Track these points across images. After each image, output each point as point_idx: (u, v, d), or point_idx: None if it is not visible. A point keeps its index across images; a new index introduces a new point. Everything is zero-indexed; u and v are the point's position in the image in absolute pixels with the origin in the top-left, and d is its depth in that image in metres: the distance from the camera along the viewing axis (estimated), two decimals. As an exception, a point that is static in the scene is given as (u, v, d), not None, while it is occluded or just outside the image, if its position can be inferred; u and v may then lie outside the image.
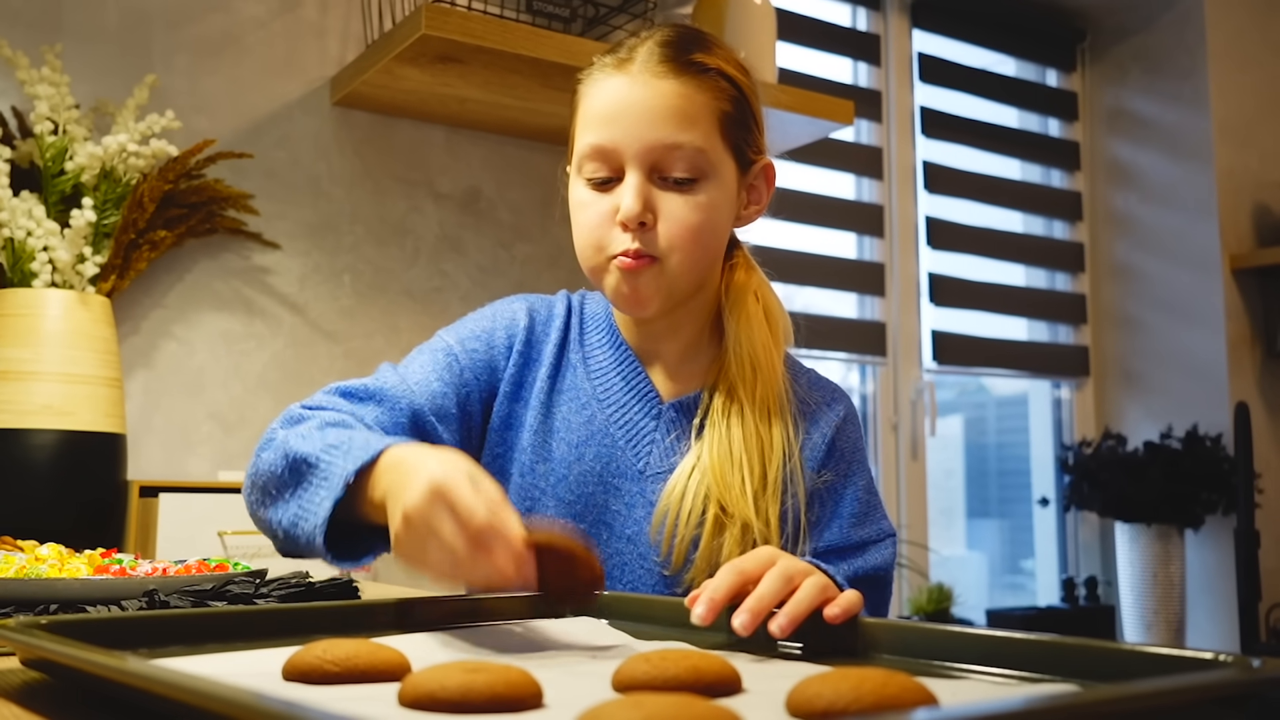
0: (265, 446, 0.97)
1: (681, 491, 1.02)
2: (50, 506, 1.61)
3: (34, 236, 1.68)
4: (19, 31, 1.86)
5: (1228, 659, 0.55)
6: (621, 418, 1.08)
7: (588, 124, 1.04)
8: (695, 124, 1.01)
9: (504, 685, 0.54)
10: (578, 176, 1.05)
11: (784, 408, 1.07)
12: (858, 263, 3.03)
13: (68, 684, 0.62)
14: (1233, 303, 3.15)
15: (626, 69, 1.02)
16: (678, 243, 1.01)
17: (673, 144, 1.00)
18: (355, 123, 2.17)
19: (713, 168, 1.02)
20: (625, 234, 1.01)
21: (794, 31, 2.88)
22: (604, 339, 1.12)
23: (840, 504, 1.07)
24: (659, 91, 1.00)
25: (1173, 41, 3.29)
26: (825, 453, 1.09)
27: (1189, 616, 3.06)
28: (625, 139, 1.00)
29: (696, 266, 1.04)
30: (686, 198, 1.01)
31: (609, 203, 1.02)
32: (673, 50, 1.03)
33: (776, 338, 1.10)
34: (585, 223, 1.04)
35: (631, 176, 1.00)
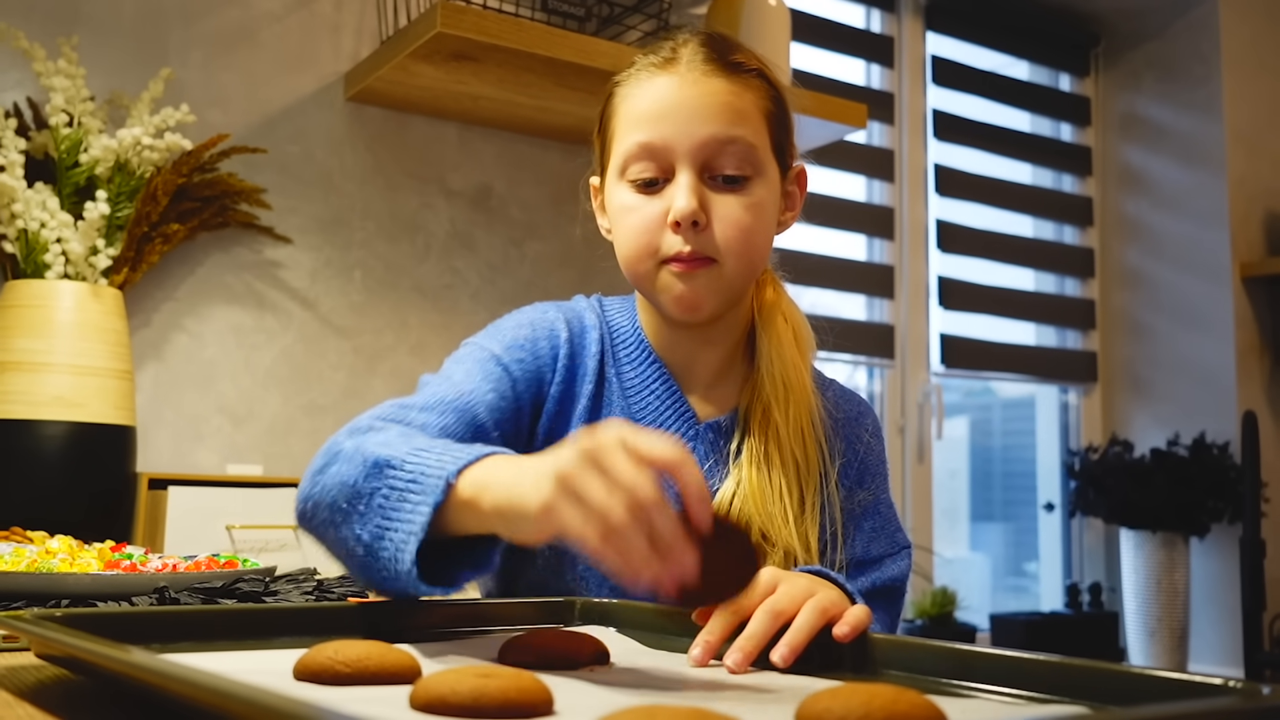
0: (332, 459, 0.85)
1: None
2: (60, 498, 1.62)
3: (48, 228, 1.68)
4: (35, 23, 1.86)
5: (1236, 685, 0.55)
6: None
7: (633, 124, 1.01)
8: (747, 120, 1.00)
9: (516, 691, 0.54)
10: (620, 181, 1.02)
11: (817, 427, 1.05)
12: (867, 265, 3.03)
13: (82, 678, 0.63)
14: (1242, 311, 3.14)
15: (672, 69, 1.01)
16: (733, 244, 0.99)
17: (727, 138, 0.98)
18: (368, 118, 2.17)
19: (763, 166, 1.01)
20: (677, 236, 0.98)
21: (808, 33, 2.88)
22: (636, 354, 1.08)
23: (863, 518, 1.07)
24: (710, 89, 0.99)
25: (1187, 48, 3.28)
26: (859, 471, 1.09)
27: (1193, 625, 3.05)
28: (677, 135, 0.98)
29: (751, 269, 1.03)
30: (739, 197, 0.99)
31: (659, 205, 0.99)
32: (716, 51, 1.02)
33: (805, 356, 1.08)
34: (634, 226, 1.00)
35: (683, 175, 0.98)
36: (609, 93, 1.07)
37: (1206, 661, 3.08)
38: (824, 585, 0.78)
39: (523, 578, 1.07)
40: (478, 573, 0.80)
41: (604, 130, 1.07)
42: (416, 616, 0.81)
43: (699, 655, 0.72)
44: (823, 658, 0.72)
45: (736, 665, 0.70)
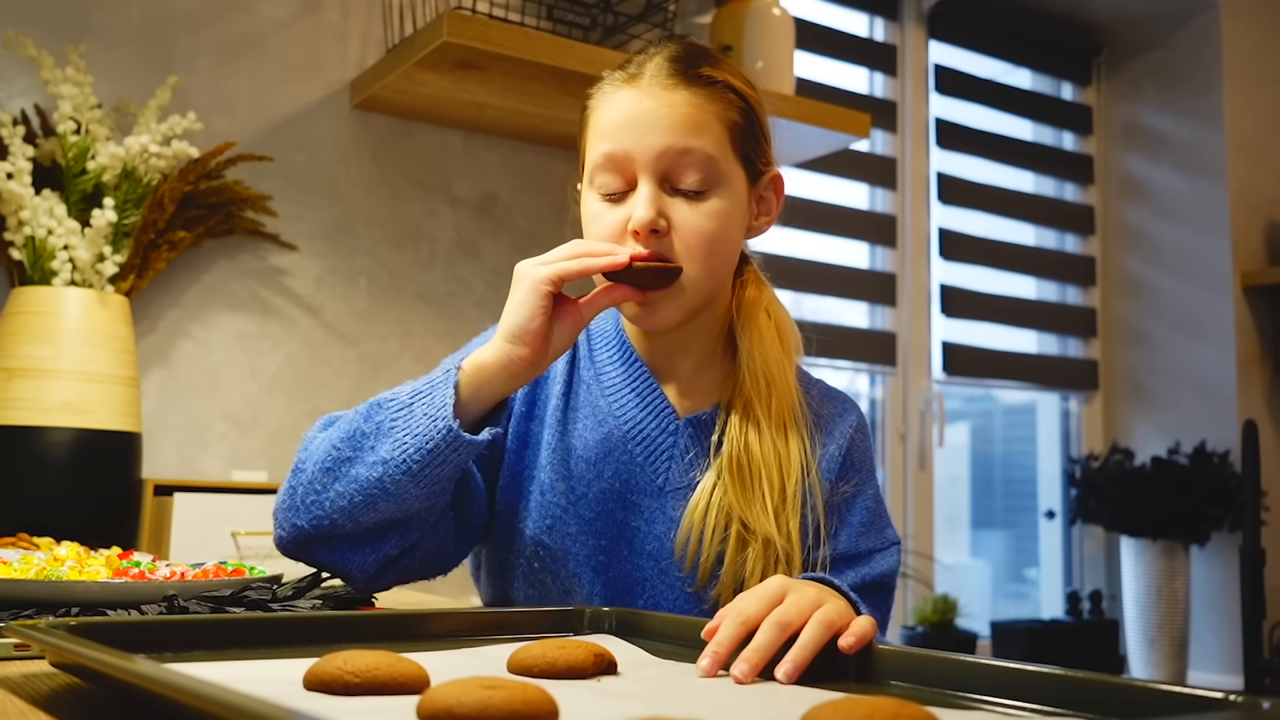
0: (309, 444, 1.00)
1: (704, 509, 1.03)
2: (66, 504, 1.63)
3: (55, 235, 1.69)
4: (44, 31, 1.87)
5: (1237, 699, 0.56)
6: (638, 434, 1.08)
7: (599, 136, 1.04)
8: (706, 131, 1.02)
9: (521, 703, 0.55)
10: (589, 190, 1.06)
11: (799, 421, 1.07)
12: (869, 272, 3.04)
13: (96, 687, 0.64)
14: (1243, 320, 3.15)
15: (636, 83, 1.03)
16: (694, 251, 1.01)
17: (684, 149, 1.00)
18: (374, 126, 2.19)
19: (724, 177, 1.03)
20: (638, 244, 1.01)
21: (812, 41, 2.89)
22: (615, 355, 1.12)
23: (850, 513, 1.09)
24: (669, 101, 1.01)
25: (1189, 58, 3.29)
26: (841, 464, 1.10)
27: (1193, 633, 3.06)
28: (637, 146, 1.01)
29: (712, 276, 1.05)
30: (698, 205, 1.02)
31: (621, 213, 1.02)
32: (681, 64, 1.04)
33: (788, 353, 1.11)
34: (597, 234, 1.04)
35: (644, 185, 1.01)
36: (584, 104, 1.10)
37: (1206, 670, 3.08)
38: (831, 595, 0.79)
39: (516, 581, 1.08)
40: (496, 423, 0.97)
41: (580, 141, 1.11)
42: (425, 626, 0.82)
43: (707, 666, 0.73)
44: (828, 668, 0.73)
45: (743, 676, 0.71)
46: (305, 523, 0.97)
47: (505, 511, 1.08)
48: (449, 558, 1.04)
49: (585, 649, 0.71)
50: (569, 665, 0.70)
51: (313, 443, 0.99)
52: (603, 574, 1.05)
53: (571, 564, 1.05)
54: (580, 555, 1.05)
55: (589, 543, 1.06)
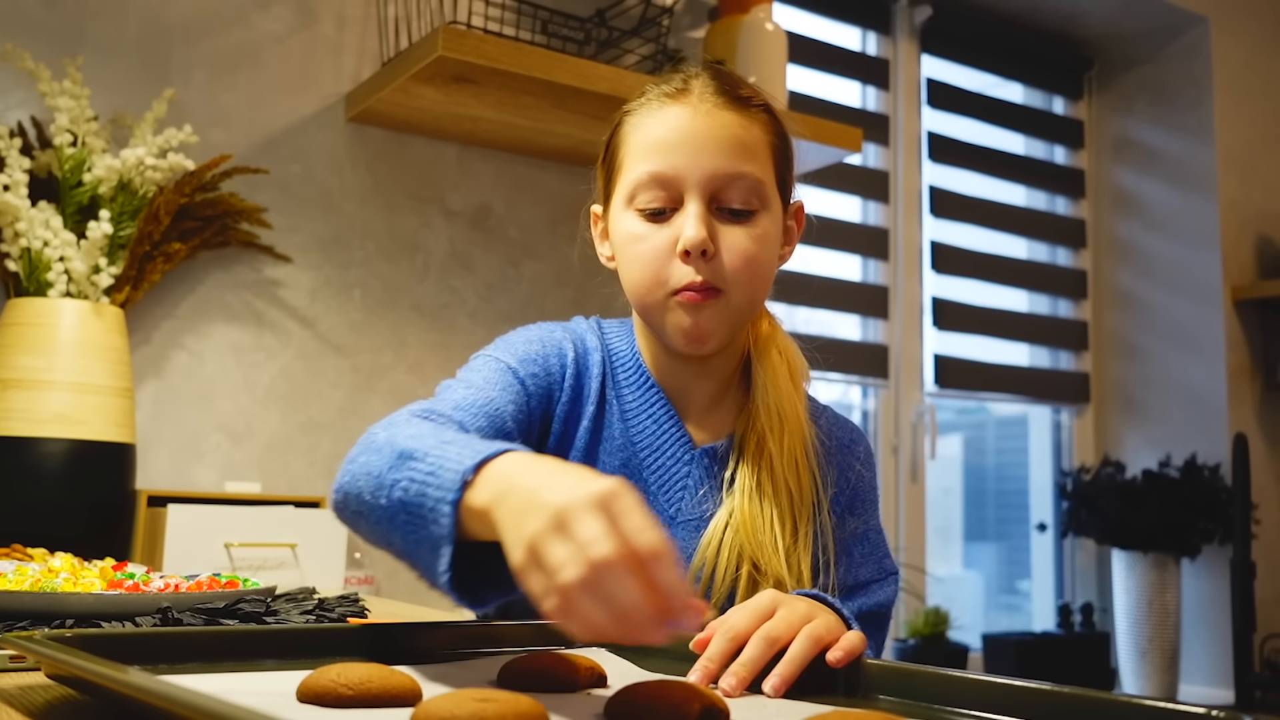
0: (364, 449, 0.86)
1: (716, 548, 1.01)
2: (60, 514, 1.63)
3: (50, 247, 1.70)
4: (41, 44, 1.88)
5: (1220, 715, 0.57)
6: (654, 463, 1.06)
7: (643, 153, 1.02)
8: (755, 156, 1.01)
9: (514, 715, 0.55)
10: (627, 209, 1.03)
11: (811, 458, 1.06)
12: (862, 285, 3.05)
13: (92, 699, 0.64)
14: (1233, 333, 3.16)
15: (684, 99, 1.01)
16: (740, 275, 1.00)
17: (736, 173, 0.99)
18: (369, 139, 2.20)
19: (768, 200, 1.02)
20: (686, 266, 0.99)
21: (804, 56, 2.91)
22: (634, 379, 1.09)
23: (852, 544, 1.09)
24: (722, 122, 1.00)
25: (1179, 73, 3.31)
26: (849, 498, 1.10)
27: (1184, 645, 3.07)
28: (688, 166, 0.99)
29: (755, 300, 1.04)
30: (745, 229, 1.01)
31: (667, 234, 1.00)
32: (726, 84, 1.03)
33: (799, 388, 1.10)
34: (642, 255, 1.01)
35: (692, 204, 0.99)
36: (618, 121, 1.07)
37: (1197, 682, 3.09)
38: (821, 610, 0.79)
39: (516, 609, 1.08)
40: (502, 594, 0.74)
41: (611, 158, 1.08)
42: (418, 639, 0.83)
43: (698, 679, 0.74)
44: (817, 682, 0.74)
45: (731, 689, 0.72)
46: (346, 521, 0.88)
47: None
48: None
49: (576, 662, 0.72)
50: (560, 678, 0.71)
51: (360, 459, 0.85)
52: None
53: None
54: None
55: None
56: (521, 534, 0.62)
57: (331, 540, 1.80)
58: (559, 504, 0.61)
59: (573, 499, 0.60)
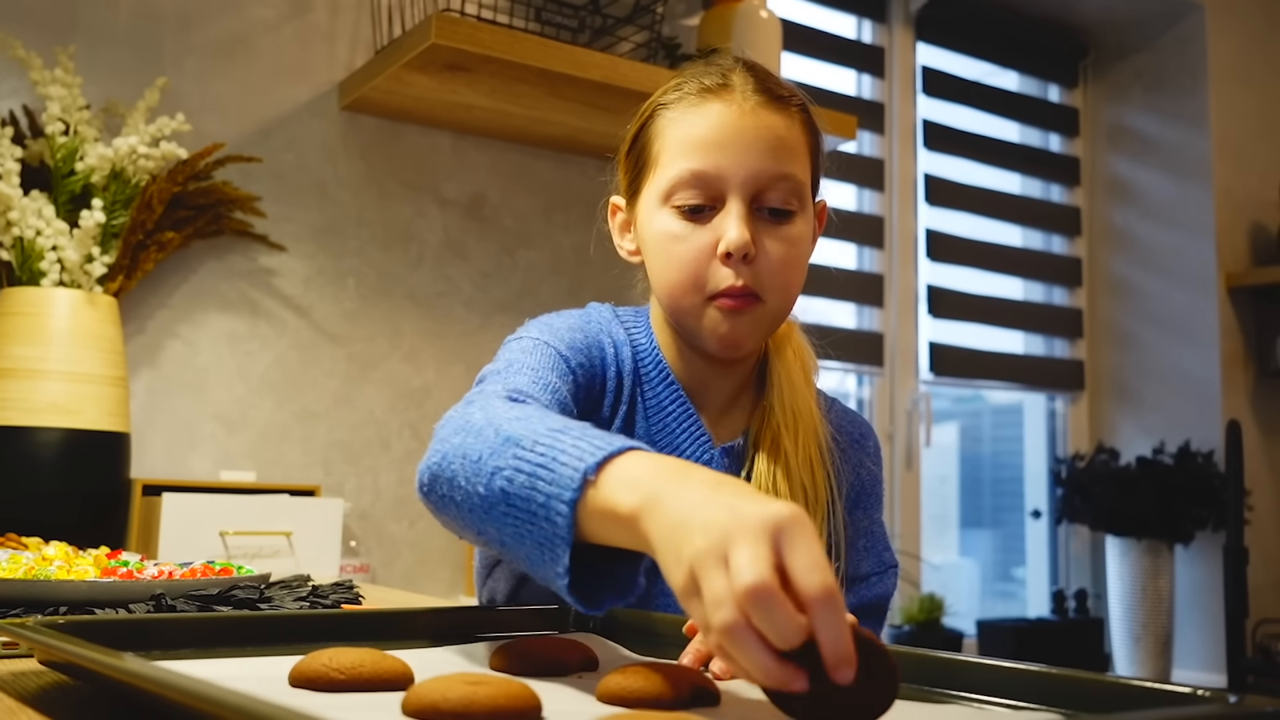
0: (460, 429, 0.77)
1: None
2: (54, 504, 1.64)
3: (43, 236, 1.70)
4: (32, 32, 1.88)
5: (1206, 694, 0.57)
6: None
7: (684, 150, 0.98)
8: (796, 157, 1.00)
9: (505, 698, 0.56)
10: (663, 206, 1.00)
11: (825, 457, 1.06)
12: (857, 273, 3.05)
13: (84, 684, 0.64)
14: (1227, 321, 3.17)
15: (726, 96, 0.99)
16: (778, 279, 0.99)
17: (780, 174, 0.98)
18: (362, 127, 2.19)
19: (806, 201, 1.01)
20: (726, 269, 0.97)
21: (799, 43, 2.90)
22: (655, 375, 1.06)
23: (855, 537, 1.09)
24: (766, 122, 0.98)
25: (1174, 61, 3.31)
26: (858, 493, 1.10)
27: (1177, 631, 3.08)
28: (733, 166, 0.97)
29: (789, 304, 1.03)
30: (784, 230, 0.99)
31: (707, 235, 0.97)
32: (764, 81, 1.01)
33: (812, 386, 1.10)
34: (681, 256, 0.98)
35: (734, 204, 0.97)
36: (649, 112, 1.04)
37: (1190, 668, 3.10)
38: None
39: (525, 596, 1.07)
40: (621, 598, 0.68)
41: (641, 151, 1.04)
42: (411, 624, 0.83)
43: (690, 663, 0.74)
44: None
45: (723, 672, 0.72)
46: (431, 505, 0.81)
47: None
48: None
49: (568, 645, 0.72)
50: (552, 661, 0.71)
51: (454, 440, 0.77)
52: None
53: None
54: None
55: None
56: (682, 556, 0.56)
57: (326, 528, 1.80)
58: (726, 526, 0.54)
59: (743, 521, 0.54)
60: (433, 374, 2.23)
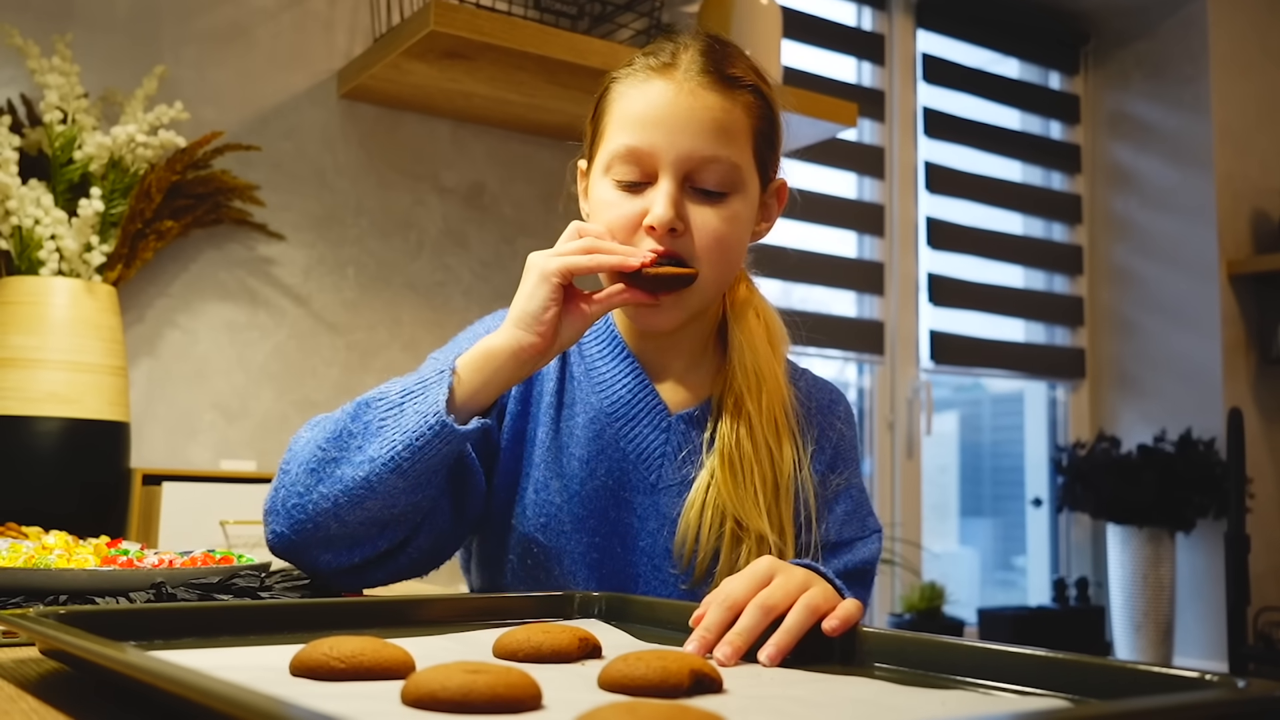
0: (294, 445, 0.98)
1: (700, 508, 1.02)
2: (54, 493, 1.63)
3: (42, 225, 1.69)
4: (29, 20, 1.87)
5: (1214, 679, 0.57)
6: (631, 431, 1.07)
7: (623, 125, 1.01)
8: (734, 139, 1.00)
9: (504, 686, 0.55)
10: (604, 176, 1.03)
11: (790, 417, 1.07)
12: (857, 261, 3.04)
13: (84, 673, 0.64)
14: (1229, 308, 3.16)
15: (670, 75, 1.00)
16: (709, 254, 0.99)
17: (711, 156, 0.99)
18: (361, 115, 2.18)
19: (743, 183, 1.02)
20: (651, 240, 0.99)
21: (799, 30, 2.89)
22: (606, 350, 1.10)
23: (835, 502, 1.09)
24: (703, 103, 0.99)
25: (1175, 47, 3.30)
26: (831, 457, 1.10)
27: (1178, 619, 3.08)
28: (664, 145, 0.98)
29: (720, 280, 1.04)
30: (716, 209, 1.00)
31: (637, 206, 0.99)
32: (714, 62, 1.01)
33: (777, 351, 1.10)
34: (611, 223, 1.01)
35: (665, 183, 0.98)
36: (606, 85, 1.07)
37: (1191, 655, 3.10)
38: (818, 580, 0.79)
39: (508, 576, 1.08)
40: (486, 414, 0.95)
41: (596, 120, 1.07)
42: (411, 612, 0.83)
43: (694, 649, 0.73)
44: (813, 651, 0.74)
45: (726, 659, 0.72)
46: (286, 528, 0.95)
47: (499, 508, 1.08)
48: (444, 551, 1.03)
49: (570, 633, 0.72)
50: (553, 649, 0.71)
51: (297, 444, 0.97)
52: (597, 571, 1.05)
53: (566, 561, 1.05)
54: (575, 553, 1.05)
55: (583, 540, 1.05)
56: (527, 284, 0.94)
57: (327, 518, 1.79)
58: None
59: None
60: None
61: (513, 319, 0.95)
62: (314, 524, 0.93)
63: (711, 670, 0.62)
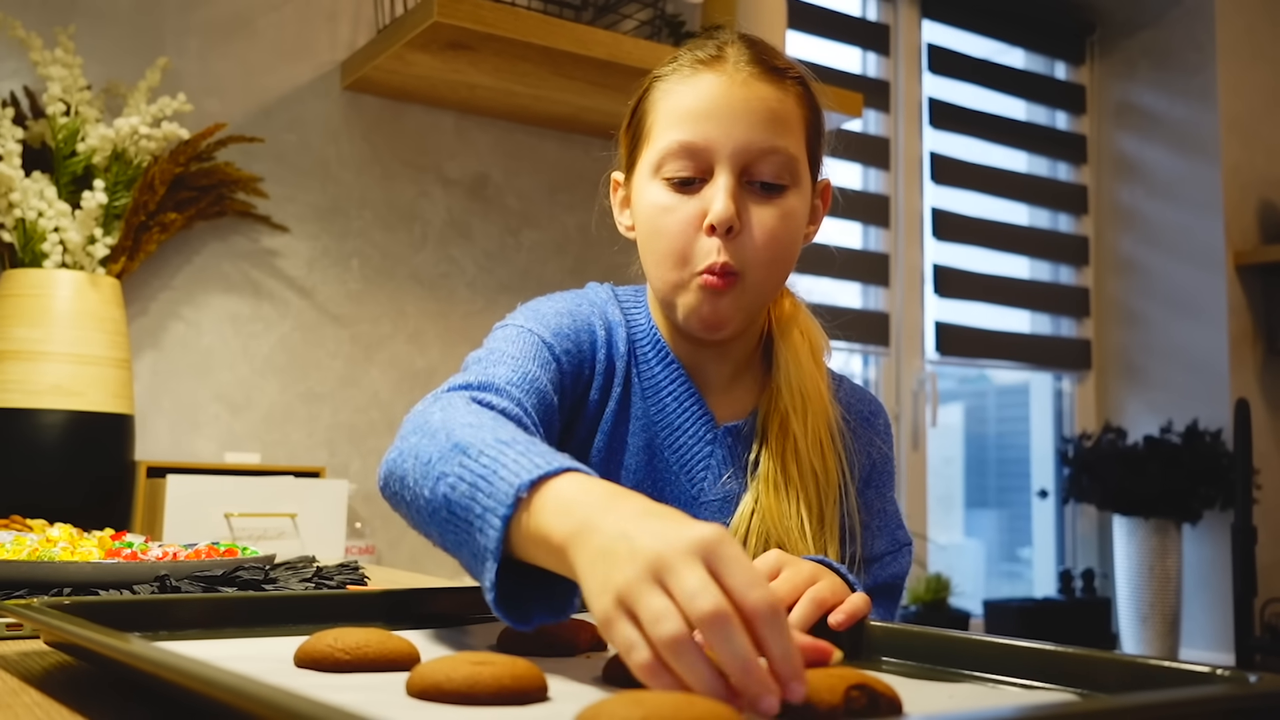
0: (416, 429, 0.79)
1: (744, 536, 0.99)
2: (59, 486, 1.63)
3: (45, 217, 1.69)
4: (32, 12, 1.86)
5: (1224, 673, 0.56)
6: (676, 442, 1.04)
7: (674, 121, 0.98)
8: (789, 130, 0.98)
9: (509, 677, 0.55)
10: (654, 178, 0.99)
11: (835, 439, 1.04)
12: (863, 253, 3.04)
13: (89, 665, 0.64)
14: (1235, 299, 3.15)
15: (719, 67, 0.98)
16: (763, 255, 0.97)
17: (770, 148, 0.96)
18: (365, 107, 2.18)
19: (799, 176, 0.99)
20: (711, 242, 0.96)
21: (804, 21, 2.88)
22: (652, 355, 1.05)
23: (867, 517, 1.07)
24: (758, 93, 0.97)
25: (1182, 37, 3.28)
26: (868, 472, 1.08)
27: (1185, 611, 3.08)
28: (721, 137, 0.95)
29: (775, 283, 1.01)
30: (773, 206, 0.97)
31: (694, 206, 0.96)
32: (761, 53, 0.99)
33: (820, 367, 1.07)
34: (669, 228, 0.97)
35: (722, 177, 0.95)
36: (646, 86, 1.03)
37: (1198, 647, 3.10)
38: (826, 574, 0.79)
39: None
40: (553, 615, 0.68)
41: (637, 125, 1.03)
42: (417, 604, 0.83)
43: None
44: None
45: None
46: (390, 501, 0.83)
47: None
48: None
49: (575, 625, 0.71)
50: (559, 641, 0.70)
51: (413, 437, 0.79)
52: None
53: None
54: None
55: None
56: (610, 581, 0.56)
57: (332, 510, 1.80)
58: (656, 550, 0.54)
59: (672, 545, 0.54)
60: (437, 355, 2.22)
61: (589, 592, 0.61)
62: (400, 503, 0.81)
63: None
